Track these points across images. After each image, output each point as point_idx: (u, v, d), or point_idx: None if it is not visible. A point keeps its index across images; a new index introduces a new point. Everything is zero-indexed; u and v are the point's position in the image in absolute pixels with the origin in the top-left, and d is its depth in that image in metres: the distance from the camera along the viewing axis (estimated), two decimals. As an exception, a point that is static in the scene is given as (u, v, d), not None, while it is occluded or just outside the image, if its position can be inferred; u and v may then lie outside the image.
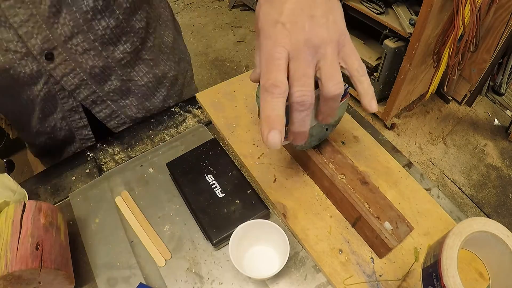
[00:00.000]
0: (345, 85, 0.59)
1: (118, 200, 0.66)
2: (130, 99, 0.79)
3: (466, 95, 2.16)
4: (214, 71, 2.58)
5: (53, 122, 0.74)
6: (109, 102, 0.76)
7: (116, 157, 0.75)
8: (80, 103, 0.72)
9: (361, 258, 0.57)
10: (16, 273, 0.47)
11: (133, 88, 0.77)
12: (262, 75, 0.38)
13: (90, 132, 0.78)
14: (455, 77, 1.69)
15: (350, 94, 2.09)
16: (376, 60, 1.85)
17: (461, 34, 1.47)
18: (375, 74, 1.88)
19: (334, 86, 0.39)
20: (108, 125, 0.78)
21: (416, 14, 1.56)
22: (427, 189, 0.68)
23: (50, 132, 0.76)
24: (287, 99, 0.39)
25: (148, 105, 0.83)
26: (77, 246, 0.61)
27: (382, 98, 2.03)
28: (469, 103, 2.22)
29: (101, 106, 0.75)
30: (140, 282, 0.56)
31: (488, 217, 1.71)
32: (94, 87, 0.71)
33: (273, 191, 0.65)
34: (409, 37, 1.58)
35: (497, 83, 2.15)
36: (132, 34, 0.69)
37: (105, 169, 0.73)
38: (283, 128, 0.38)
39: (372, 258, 0.57)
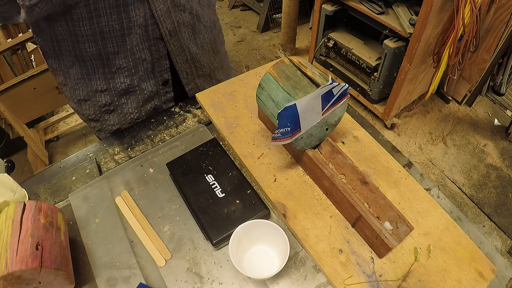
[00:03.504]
0: (344, 85, 0.59)
1: (118, 200, 0.66)
2: (189, 34, 0.83)
3: (466, 95, 2.16)
4: (214, 71, 2.57)
5: (138, 53, 0.76)
6: (179, 35, 0.80)
7: (116, 157, 0.75)
8: (162, 34, 0.75)
9: (361, 258, 0.57)
10: (16, 273, 0.47)
11: (197, 27, 0.84)
12: None
13: (167, 62, 0.82)
14: (455, 77, 1.69)
15: (350, 94, 2.09)
16: (376, 60, 1.84)
17: (461, 34, 1.47)
18: (375, 74, 1.88)
19: None
20: (170, 47, 0.79)
21: (416, 14, 1.56)
22: (427, 189, 0.68)
23: (132, 67, 0.78)
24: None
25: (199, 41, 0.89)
26: (77, 246, 0.61)
27: (382, 98, 2.03)
28: (469, 103, 2.22)
29: (174, 38, 0.79)
30: (140, 282, 0.56)
31: (488, 217, 1.71)
32: (173, 17, 0.75)
33: (273, 191, 0.65)
34: (409, 37, 1.58)
35: (497, 83, 2.14)
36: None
37: (105, 169, 0.73)
38: None
39: (372, 258, 0.57)
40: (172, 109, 0.84)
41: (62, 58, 0.75)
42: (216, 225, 0.60)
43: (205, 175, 0.67)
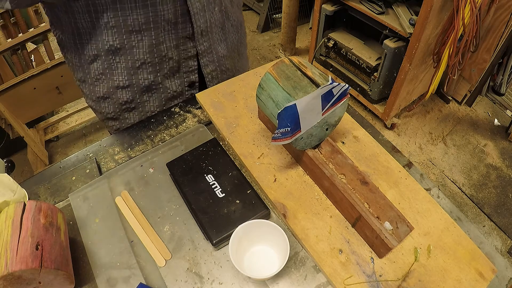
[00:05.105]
0: (344, 85, 0.59)
1: (118, 200, 0.66)
2: (219, 34, 0.82)
3: (466, 95, 2.16)
4: (214, 71, 2.57)
5: (164, 51, 0.74)
6: (209, 35, 0.78)
7: (116, 157, 0.75)
8: (195, 33, 0.74)
9: (361, 258, 0.57)
10: (16, 273, 0.47)
11: (226, 26, 0.83)
12: None
13: (196, 64, 0.80)
14: (455, 77, 1.69)
15: (350, 94, 2.09)
16: (376, 60, 1.84)
17: (461, 34, 1.47)
18: (375, 74, 1.88)
19: None
20: (199, 47, 0.78)
21: (416, 14, 1.56)
22: (427, 189, 0.68)
23: (157, 63, 0.76)
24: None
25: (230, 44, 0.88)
26: (77, 246, 0.61)
27: (382, 98, 2.03)
28: (469, 103, 2.22)
29: (205, 37, 0.78)
30: (140, 282, 0.56)
31: (488, 217, 1.71)
32: (207, 15, 0.74)
33: (273, 191, 0.65)
34: (409, 37, 1.58)
35: (497, 83, 2.14)
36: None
37: (105, 169, 0.73)
38: None
39: (372, 258, 0.57)
40: (172, 109, 0.84)
41: (83, 52, 0.73)
42: (216, 225, 0.60)
43: (205, 175, 0.67)
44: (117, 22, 0.66)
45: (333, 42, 2.01)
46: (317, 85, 0.58)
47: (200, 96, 0.82)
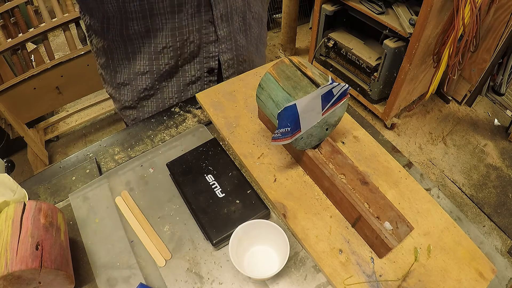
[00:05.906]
0: (344, 85, 0.59)
1: (118, 200, 0.66)
2: (240, 23, 0.83)
3: (466, 95, 2.16)
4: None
5: (186, 34, 0.75)
6: (230, 21, 0.79)
7: (116, 157, 0.75)
8: (214, 17, 0.75)
9: (361, 258, 0.57)
10: (16, 273, 0.47)
11: (248, 17, 0.83)
12: None
13: (216, 50, 0.81)
14: (455, 77, 1.69)
15: (350, 94, 2.09)
16: (376, 60, 1.84)
17: (461, 34, 1.48)
18: (375, 74, 1.88)
19: None
20: (219, 32, 0.78)
21: (416, 14, 1.56)
22: (427, 189, 0.68)
23: (178, 48, 0.77)
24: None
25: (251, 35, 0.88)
26: (77, 246, 0.61)
27: (382, 98, 2.03)
28: (469, 103, 2.22)
29: (225, 23, 0.78)
30: (140, 282, 0.56)
31: (488, 217, 1.71)
32: (228, 1, 0.75)
33: (273, 191, 0.65)
34: (409, 37, 1.58)
35: (497, 83, 2.15)
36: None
37: (105, 169, 0.73)
38: None
39: (372, 258, 0.57)
40: (172, 109, 0.84)
41: (108, 37, 0.75)
42: (216, 225, 0.60)
43: (205, 175, 0.67)
44: (142, 7, 0.68)
45: (333, 42, 2.01)
46: (317, 85, 0.58)
47: (200, 96, 0.82)
